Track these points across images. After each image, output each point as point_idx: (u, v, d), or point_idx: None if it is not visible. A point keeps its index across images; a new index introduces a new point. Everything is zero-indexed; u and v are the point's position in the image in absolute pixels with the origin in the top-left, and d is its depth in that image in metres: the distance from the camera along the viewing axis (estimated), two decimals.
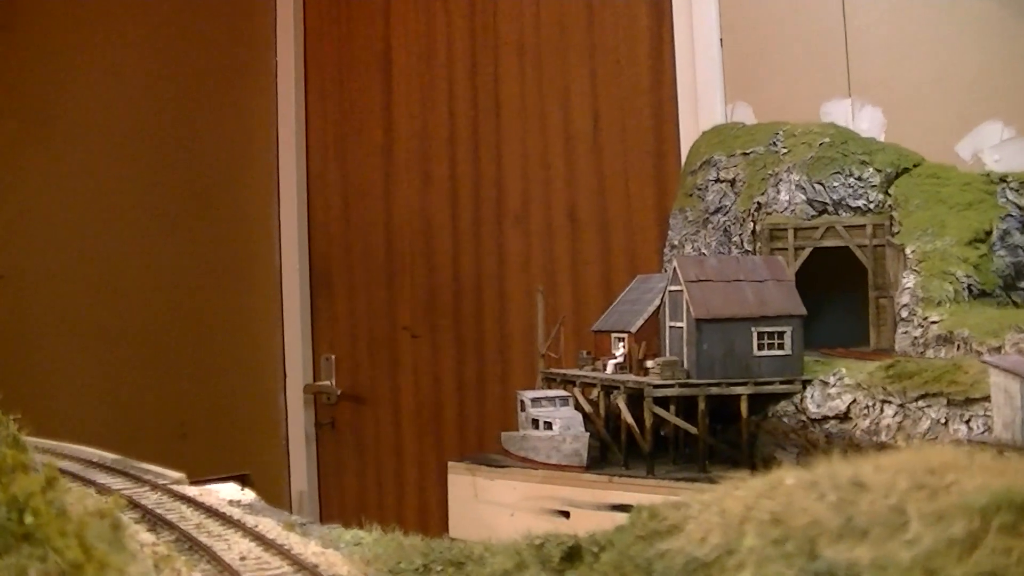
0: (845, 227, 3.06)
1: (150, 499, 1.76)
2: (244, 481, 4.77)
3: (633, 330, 2.94)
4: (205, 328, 5.01)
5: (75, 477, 1.96)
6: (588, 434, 2.85)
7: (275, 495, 5.13)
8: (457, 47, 4.74)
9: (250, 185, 5.25)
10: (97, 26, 4.73)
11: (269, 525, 1.58)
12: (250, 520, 1.59)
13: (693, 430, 2.72)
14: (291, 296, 5.28)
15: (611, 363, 2.98)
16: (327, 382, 5.20)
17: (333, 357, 5.19)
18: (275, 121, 5.32)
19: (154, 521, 1.60)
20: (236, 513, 1.64)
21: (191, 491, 1.85)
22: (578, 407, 3.00)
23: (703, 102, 3.87)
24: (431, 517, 4.72)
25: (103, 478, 1.96)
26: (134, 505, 1.70)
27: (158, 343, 4.84)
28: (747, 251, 3.18)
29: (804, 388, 2.67)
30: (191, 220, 5.00)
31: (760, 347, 2.70)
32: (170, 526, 1.56)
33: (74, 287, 4.56)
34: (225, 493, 1.88)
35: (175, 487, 1.87)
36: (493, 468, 2.99)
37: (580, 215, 4.33)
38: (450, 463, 3.11)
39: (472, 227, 4.64)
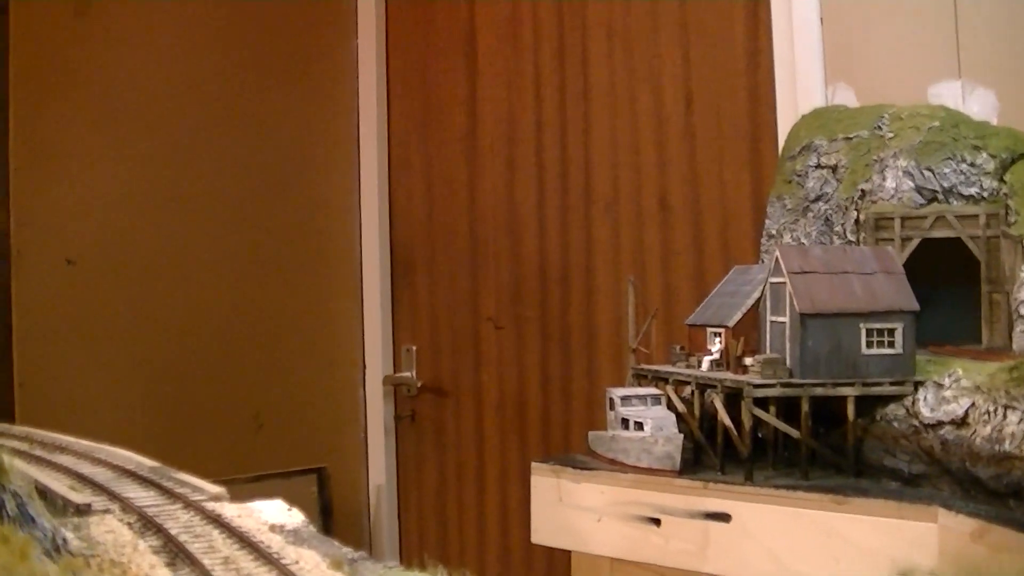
0: (956, 216, 2.85)
1: (179, 521, 1.59)
2: (320, 474, 4.75)
3: (731, 324, 2.76)
4: (282, 317, 4.92)
5: (101, 489, 1.80)
6: (682, 436, 2.68)
7: (353, 489, 5.06)
8: (544, 29, 4.59)
9: (330, 171, 5.15)
10: (173, 9, 4.65)
11: (312, 561, 1.40)
12: (291, 553, 1.42)
13: (795, 433, 2.53)
14: (371, 285, 5.17)
15: (707, 359, 2.80)
16: (407, 373, 5.07)
17: (414, 348, 5.07)
18: (356, 106, 5.21)
19: (176, 553, 1.44)
20: (276, 543, 1.47)
21: (230, 510, 1.67)
22: (671, 406, 2.83)
23: (802, 84, 3.67)
24: (512, 516, 4.58)
25: (131, 491, 1.79)
26: (157, 529, 1.53)
27: (233, 332, 4.77)
28: (850, 241, 2.99)
29: (916, 390, 2.47)
30: (269, 207, 4.92)
31: (869, 344, 2.51)
32: (192, 561, 1.39)
33: (146, 274, 4.51)
34: (268, 514, 1.67)
35: (211, 505, 1.69)
36: (579, 470, 2.82)
37: (672, 202, 4.16)
38: (534, 464, 2.95)
39: (559, 215, 4.49)
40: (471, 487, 4.84)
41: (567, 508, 2.83)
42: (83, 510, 1.63)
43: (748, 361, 2.65)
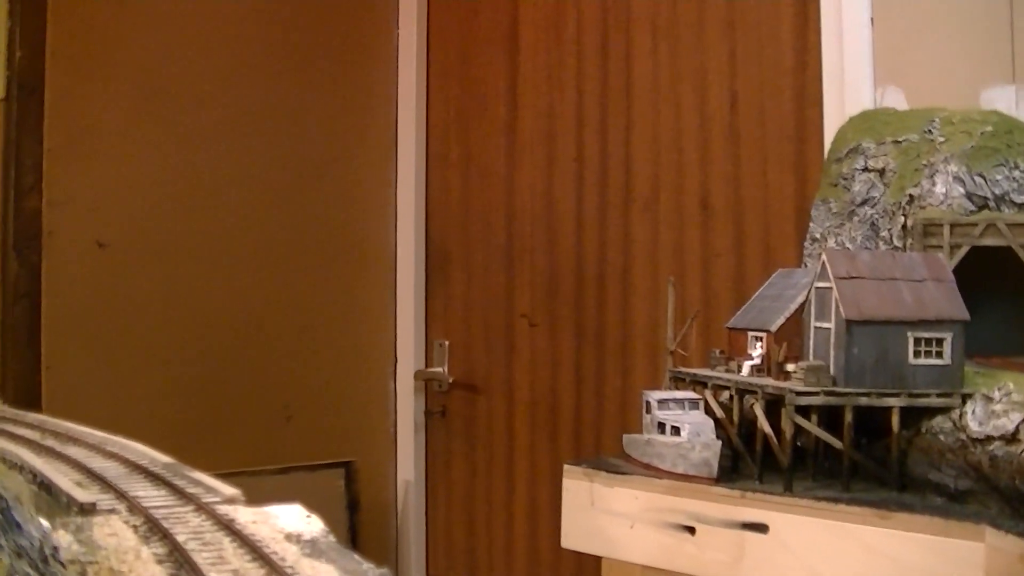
0: (1008, 225, 2.76)
1: (188, 525, 1.47)
2: (348, 468, 4.71)
3: (773, 329, 2.68)
4: (314, 307, 4.88)
5: (108, 486, 1.70)
6: (720, 442, 2.60)
7: (380, 484, 5.03)
8: (587, 23, 4.52)
9: (367, 161, 5.10)
10: None
11: None
12: (306, 568, 1.31)
13: (838, 444, 2.46)
14: (405, 278, 5.12)
15: (747, 364, 2.72)
16: (439, 369, 5.01)
17: (447, 343, 5.01)
18: (395, 95, 5.15)
19: (181, 563, 1.32)
20: (291, 555, 1.35)
21: (244, 515, 1.55)
22: (709, 411, 2.75)
23: (850, 85, 3.59)
24: (541, 517, 4.52)
25: (140, 489, 1.68)
26: (164, 534, 1.42)
27: (264, 321, 4.74)
28: (896, 247, 2.91)
29: (964, 403, 2.39)
30: (303, 195, 4.88)
31: (916, 354, 2.42)
32: (197, 575, 1.28)
33: (178, 260, 4.48)
34: (285, 521, 1.54)
35: (224, 508, 1.57)
36: (612, 474, 2.75)
37: (713, 203, 4.08)
38: (566, 466, 2.87)
39: (598, 212, 4.41)
40: (500, 486, 4.78)
41: (599, 513, 2.76)
42: (87, 509, 1.55)
43: (790, 367, 2.58)
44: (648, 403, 2.80)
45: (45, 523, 1.28)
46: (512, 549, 4.71)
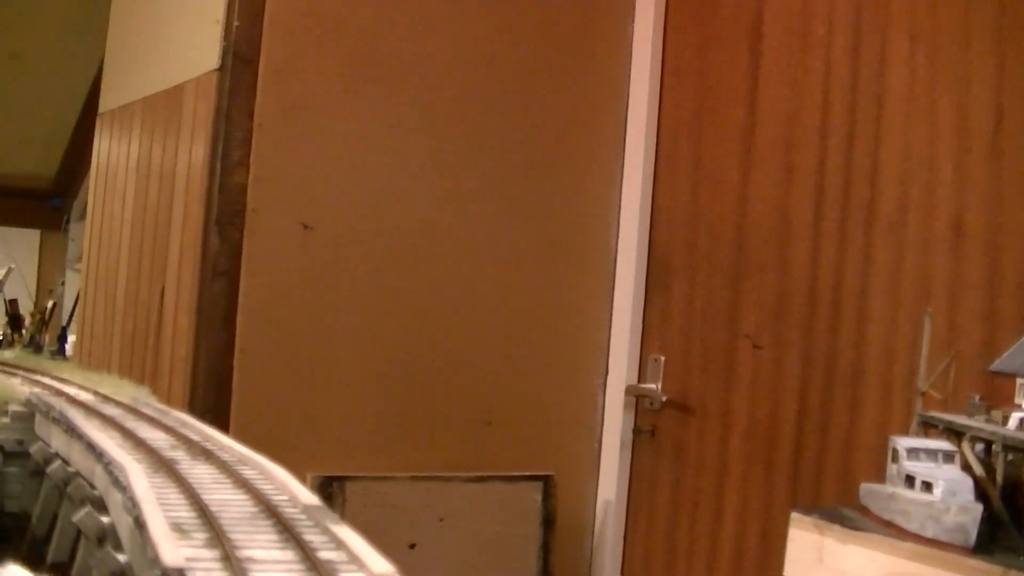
0: None
1: None
2: (547, 483, 4.48)
3: None
4: (525, 308, 4.67)
5: (217, 537, 1.30)
6: (980, 506, 2.26)
7: (579, 501, 4.79)
8: (838, 25, 4.18)
9: (593, 159, 4.86)
10: None
11: None
12: None
13: None
14: (624, 286, 4.85)
15: (1015, 416, 2.37)
16: (652, 385, 4.74)
17: (662, 359, 4.73)
18: (626, 92, 4.90)
19: None
20: None
21: None
22: (966, 467, 2.41)
23: None
24: (748, 558, 4.19)
25: (259, 546, 1.27)
26: None
27: (471, 318, 4.54)
28: None
29: None
30: (524, 191, 4.67)
31: None
32: None
33: (387, 250, 4.32)
34: None
35: None
36: (848, 530, 2.43)
37: (967, 229, 3.70)
38: (793, 515, 2.57)
39: (837, 230, 4.06)
40: (706, 517, 4.47)
41: (828, 572, 2.44)
42: None
43: None
44: (895, 451, 2.48)
45: None
46: None
